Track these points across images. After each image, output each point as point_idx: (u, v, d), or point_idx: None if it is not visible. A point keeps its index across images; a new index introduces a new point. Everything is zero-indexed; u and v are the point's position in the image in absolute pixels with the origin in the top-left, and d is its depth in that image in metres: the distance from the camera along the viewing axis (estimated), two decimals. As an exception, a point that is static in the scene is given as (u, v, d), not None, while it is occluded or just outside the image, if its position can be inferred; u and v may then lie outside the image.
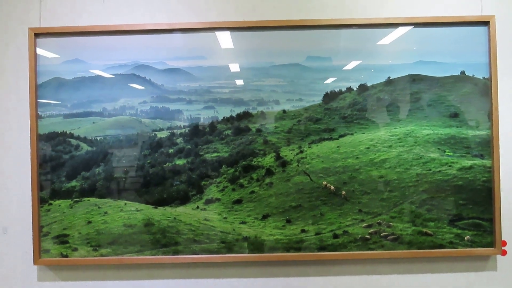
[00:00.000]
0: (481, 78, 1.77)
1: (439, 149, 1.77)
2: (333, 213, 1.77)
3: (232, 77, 1.80)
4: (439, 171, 1.76)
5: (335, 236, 1.75)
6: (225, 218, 1.78)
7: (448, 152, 1.77)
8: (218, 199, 1.79)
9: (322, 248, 1.75)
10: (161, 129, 1.83)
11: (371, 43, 1.78)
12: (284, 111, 1.80)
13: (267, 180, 1.79)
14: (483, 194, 1.76)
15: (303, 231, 1.76)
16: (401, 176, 1.77)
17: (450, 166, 1.76)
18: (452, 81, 1.78)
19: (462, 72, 1.78)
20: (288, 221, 1.77)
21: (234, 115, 1.80)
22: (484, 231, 1.76)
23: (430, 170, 1.76)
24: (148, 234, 1.76)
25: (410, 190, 1.77)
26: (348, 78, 1.78)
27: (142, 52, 1.81)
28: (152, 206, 1.78)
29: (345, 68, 1.78)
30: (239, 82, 1.80)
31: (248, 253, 1.75)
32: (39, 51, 1.81)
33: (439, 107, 1.78)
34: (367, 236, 1.76)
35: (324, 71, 1.78)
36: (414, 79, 1.78)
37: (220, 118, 1.80)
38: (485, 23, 1.77)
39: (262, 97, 1.80)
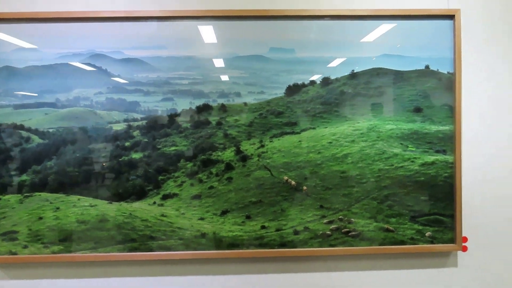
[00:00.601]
0: (446, 72, 1.75)
1: (402, 144, 1.74)
2: (294, 209, 1.73)
3: (192, 68, 1.73)
4: (402, 166, 1.74)
5: (296, 232, 1.72)
6: (183, 214, 1.72)
7: (410, 147, 1.74)
8: (176, 194, 1.73)
9: (282, 245, 1.71)
10: (117, 122, 1.75)
11: (335, 36, 1.73)
12: (245, 104, 1.74)
13: (227, 175, 1.73)
14: (445, 190, 1.75)
15: (263, 227, 1.72)
16: (363, 171, 1.74)
17: (412, 161, 1.74)
18: (416, 76, 1.75)
19: (427, 67, 1.75)
20: (248, 217, 1.72)
21: (193, 107, 1.74)
22: (445, 227, 1.75)
23: (392, 165, 1.74)
24: (102, 231, 1.69)
25: (372, 186, 1.74)
26: (311, 71, 1.73)
27: (98, 40, 1.73)
28: (106, 202, 1.71)
29: (309, 60, 1.73)
30: (199, 73, 1.73)
31: (207, 250, 1.70)
32: (-12, 37, 1.71)
33: (403, 101, 1.75)
34: (328, 232, 1.73)
35: (287, 63, 1.73)
36: (378, 72, 1.74)
37: (179, 110, 1.74)
38: (451, 17, 1.74)
39: (223, 89, 1.74)
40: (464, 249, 1.78)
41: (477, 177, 1.78)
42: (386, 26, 1.74)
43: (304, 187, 1.73)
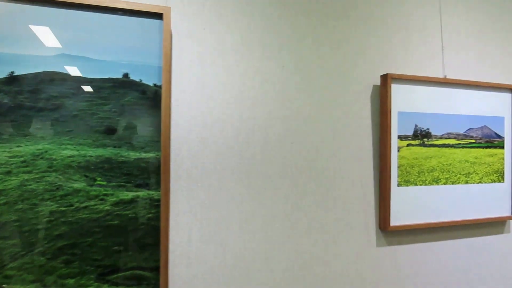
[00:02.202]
0: (152, 85, 1.38)
1: (86, 176, 1.29)
2: None
3: None
4: (86, 207, 1.29)
5: None
6: None
7: (100, 180, 1.31)
8: None
9: None
10: None
11: (-13, 21, 1.21)
12: None
13: None
14: (149, 236, 1.35)
15: None
16: (26, 215, 1.23)
17: (102, 199, 1.31)
18: (110, 86, 1.33)
19: (126, 75, 1.35)
20: None
21: None
22: (148, 285, 1.34)
23: (72, 206, 1.27)
24: None
25: (39, 236, 1.24)
26: None
27: None
28: None
29: None
30: None
31: None
32: None
33: (90, 119, 1.31)
34: (-38, 309, 1.16)
35: None
36: (54, 78, 1.27)
37: None
38: (160, 16, 1.38)
39: None
40: (176, 309, 1.41)
41: (190, 216, 1.44)
42: (66, 16, 1.29)
43: None
